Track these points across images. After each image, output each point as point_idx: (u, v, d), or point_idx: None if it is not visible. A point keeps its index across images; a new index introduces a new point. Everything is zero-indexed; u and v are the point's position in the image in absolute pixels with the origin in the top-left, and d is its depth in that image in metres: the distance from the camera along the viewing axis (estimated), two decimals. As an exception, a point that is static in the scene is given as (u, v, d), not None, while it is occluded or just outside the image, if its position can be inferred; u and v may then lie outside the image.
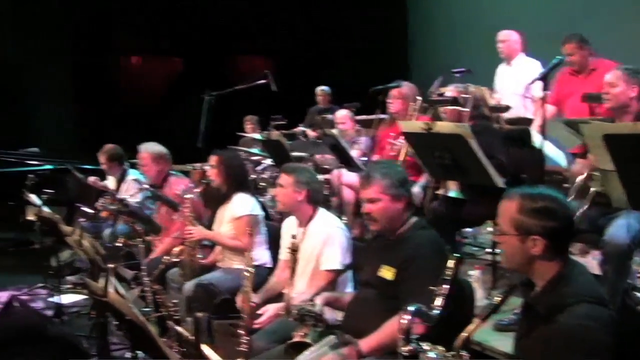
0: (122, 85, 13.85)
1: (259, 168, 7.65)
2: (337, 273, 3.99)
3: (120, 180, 6.66)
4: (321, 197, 4.43)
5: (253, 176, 7.22)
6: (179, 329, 3.02)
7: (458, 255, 2.69)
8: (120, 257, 3.57)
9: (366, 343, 3.12)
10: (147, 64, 14.55)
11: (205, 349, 2.61)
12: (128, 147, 7.06)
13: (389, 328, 3.08)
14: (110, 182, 7.02)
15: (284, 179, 4.23)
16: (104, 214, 5.50)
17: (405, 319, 2.57)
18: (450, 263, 2.67)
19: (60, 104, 12.78)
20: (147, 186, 4.98)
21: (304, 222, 4.20)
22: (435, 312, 2.61)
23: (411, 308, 2.58)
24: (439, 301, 2.61)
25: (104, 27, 13.33)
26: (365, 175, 3.42)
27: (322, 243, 3.99)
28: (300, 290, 3.95)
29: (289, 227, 4.33)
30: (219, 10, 13.45)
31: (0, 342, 4.45)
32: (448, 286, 2.61)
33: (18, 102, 12.57)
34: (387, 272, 3.28)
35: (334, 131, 6.16)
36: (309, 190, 4.18)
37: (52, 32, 12.74)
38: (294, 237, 3.65)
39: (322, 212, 4.26)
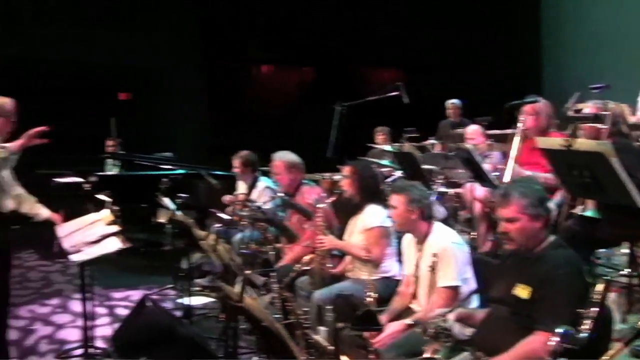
0: (254, 94, 14.28)
1: (388, 180, 7.70)
2: (455, 289, 4.01)
3: (251, 187, 6.86)
4: (434, 212, 4.42)
5: (382, 188, 7.26)
6: (317, 338, 3.09)
7: (607, 278, 2.63)
8: (256, 263, 3.67)
9: (499, 361, 3.09)
10: (279, 73, 14.94)
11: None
12: (258, 155, 7.28)
13: (524, 347, 3.09)
14: (241, 187, 7.24)
15: (395, 199, 4.30)
16: (236, 219, 5.67)
17: (554, 340, 2.55)
18: (600, 286, 2.61)
19: (194, 111, 13.32)
20: (281, 194, 5.10)
21: (421, 238, 4.27)
22: (583, 335, 2.56)
23: (559, 330, 2.56)
24: (586, 324, 2.56)
25: (237, 37, 13.78)
26: (503, 193, 3.40)
27: (439, 259, 3.98)
28: (423, 306, 4.02)
29: (408, 243, 4.43)
30: (351, 22, 13.63)
31: (133, 340, 4.72)
32: (597, 309, 2.56)
33: (155, 108, 13.22)
34: (522, 291, 3.27)
35: (469, 146, 6.10)
36: (421, 207, 4.24)
37: (188, 41, 13.33)
38: (434, 255, 3.64)
39: (437, 227, 4.32)
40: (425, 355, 3.28)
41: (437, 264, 3.96)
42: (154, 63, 13.11)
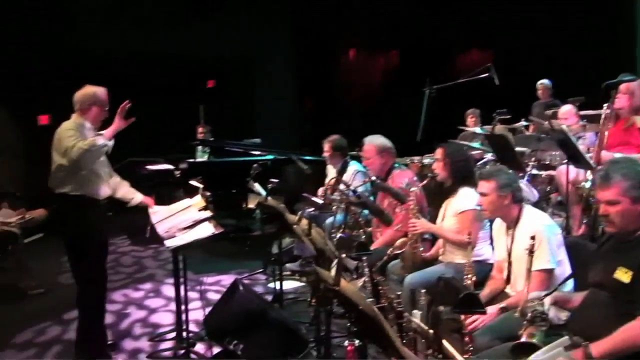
0: (341, 79, 14.33)
1: (479, 163, 7.61)
2: (550, 272, 3.96)
3: (341, 172, 6.90)
4: (523, 194, 4.35)
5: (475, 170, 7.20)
6: (416, 321, 3.10)
7: None
8: (352, 247, 3.70)
9: (598, 347, 3.06)
10: (366, 57, 14.92)
11: (446, 344, 2.66)
12: (347, 140, 7.32)
13: (625, 333, 3.04)
14: (331, 172, 7.30)
15: (485, 186, 4.27)
16: (328, 202, 5.71)
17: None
18: None
19: (283, 97, 13.47)
20: (374, 178, 5.11)
21: (512, 223, 4.25)
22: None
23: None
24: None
25: (324, 22, 13.85)
26: (604, 175, 3.33)
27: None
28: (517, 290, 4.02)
29: (498, 229, 4.42)
30: (436, 3, 13.47)
31: (225, 324, 4.82)
32: None
33: (245, 95, 13.44)
34: (623, 275, 3.21)
35: (564, 126, 5.96)
36: (512, 191, 4.21)
37: (278, 28, 13.45)
38: (532, 238, 3.59)
39: (527, 210, 4.28)
40: (522, 340, 3.24)
41: (534, 247, 3.89)
42: (244, 51, 13.32)
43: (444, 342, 2.67)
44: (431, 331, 2.85)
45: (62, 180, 5.03)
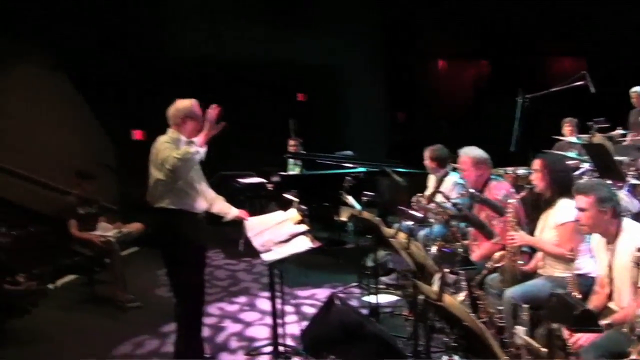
0: (431, 89, 14.31)
1: (576, 173, 7.50)
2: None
3: (439, 182, 6.86)
4: (623, 205, 4.25)
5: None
6: (527, 339, 3.11)
7: None
8: (455, 262, 3.72)
9: None
10: (455, 67, 14.88)
11: None
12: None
13: None
14: (432, 181, 7.30)
15: (583, 200, 4.20)
16: (425, 215, 5.73)
17: None
18: None
19: (372, 108, 13.53)
20: (472, 190, 5.10)
21: (611, 238, 4.18)
22: None
23: None
24: None
25: (412, 32, 13.89)
26: None
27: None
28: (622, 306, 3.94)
29: (597, 244, 4.35)
30: (525, 11, 13.32)
31: (321, 338, 4.92)
32: None
33: (334, 106, 13.57)
34: None
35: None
36: (613, 206, 4.14)
37: (368, 38, 13.54)
38: (639, 250, 3.54)
39: (627, 223, 4.20)
40: (631, 357, 3.21)
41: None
42: (334, 61, 13.46)
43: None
44: (544, 349, 2.84)
45: (160, 194, 5.18)
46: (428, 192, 7.10)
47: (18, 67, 11.14)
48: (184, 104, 5.31)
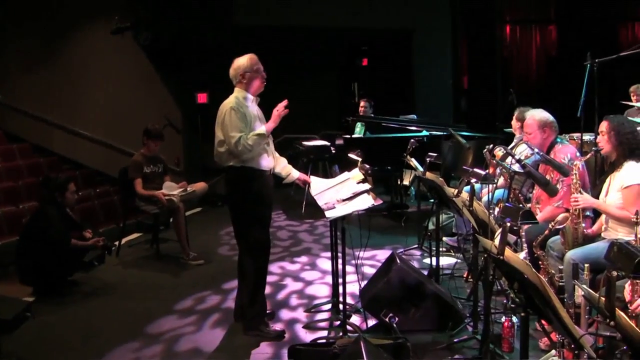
0: (499, 54, 14.14)
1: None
2: None
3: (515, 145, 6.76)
4: None
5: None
6: (585, 288, 3.14)
7: None
8: (517, 216, 3.75)
9: None
10: (523, 32, 14.66)
11: (621, 313, 2.68)
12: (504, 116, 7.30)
13: None
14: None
15: None
16: (491, 169, 5.73)
17: None
18: None
19: (438, 73, 13.46)
20: (537, 150, 5.09)
21: None
22: None
23: None
24: None
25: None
26: None
27: None
28: None
29: None
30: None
31: (381, 296, 5.02)
32: None
33: (402, 70, 13.55)
34: None
35: None
36: None
37: (434, 3, 13.44)
38: None
39: None
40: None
41: None
42: (402, 24, 13.42)
43: (619, 312, 2.67)
44: (603, 298, 2.85)
45: (226, 155, 5.33)
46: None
47: (88, 30, 11.46)
48: (241, 61, 5.38)
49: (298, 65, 12.93)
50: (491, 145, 5.62)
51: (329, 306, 6.03)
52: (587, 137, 7.11)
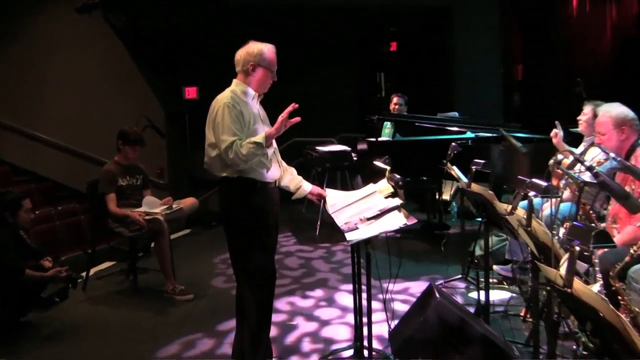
0: (561, 36, 14.08)
1: None
2: None
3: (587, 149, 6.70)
4: None
5: None
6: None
7: None
8: (589, 239, 3.64)
9: None
10: (593, 8, 14.54)
11: None
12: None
13: None
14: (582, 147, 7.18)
15: None
16: (554, 179, 5.65)
17: None
18: None
19: (485, 60, 13.45)
20: (613, 154, 5.00)
21: None
22: None
23: None
24: None
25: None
26: None
27: None
28: None
29: None
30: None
31: (415, 340, 4.95)
32: None
33: (437, 57, 13.55)
34: None
35: None
36: None
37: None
38: None
39: None
40: None
41: None
42: (437, 2, 13.43)
43: None
44: None
45: (219, 163, 5.23)
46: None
47: (47, 9, 11.48)
48: (258, 48, 5.28)
49: (309, 53, 12.94)
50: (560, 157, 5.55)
51: (350, 352, 5.95)
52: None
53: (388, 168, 5.83)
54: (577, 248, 3.45)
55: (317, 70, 13.06)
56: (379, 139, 9.86)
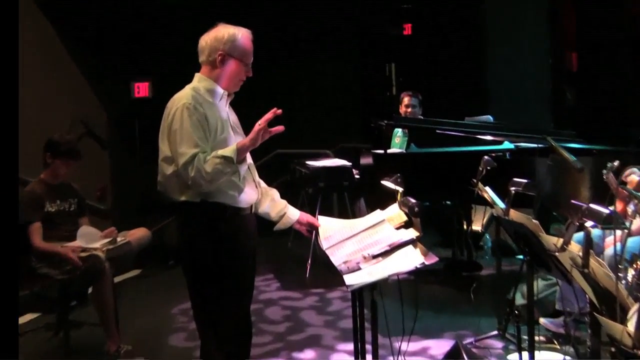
0: (634, 14, 14.18)
1: None
2: None
3: None
4: None
5: None
6: None
7: None
8: None
9: None
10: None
11: None
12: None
13: None
14: None
15: None
16: (619, 204, 5.65)
17: None
18: None
19: (527, 49, 13.58)
20: None
21: None
22: None
23: None
24: None
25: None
26: None
27: None
28: None
29: None
30: None
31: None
32: None
33: (466, 46, 13.67)
34: None
35: None
36: None
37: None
38: None
39: None
40: None
41: None
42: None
43: None
44: None
45: (177, 183, 5.17)
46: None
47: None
48: (229, 32, 5.22)
49: (297, 39, 13.00)
50: (616, 163, 5.55)
51: None
52: None
53: (400, 189, 5.82)
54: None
55: (307, 62, 13.11)
56: (389, 150, 9.89)
